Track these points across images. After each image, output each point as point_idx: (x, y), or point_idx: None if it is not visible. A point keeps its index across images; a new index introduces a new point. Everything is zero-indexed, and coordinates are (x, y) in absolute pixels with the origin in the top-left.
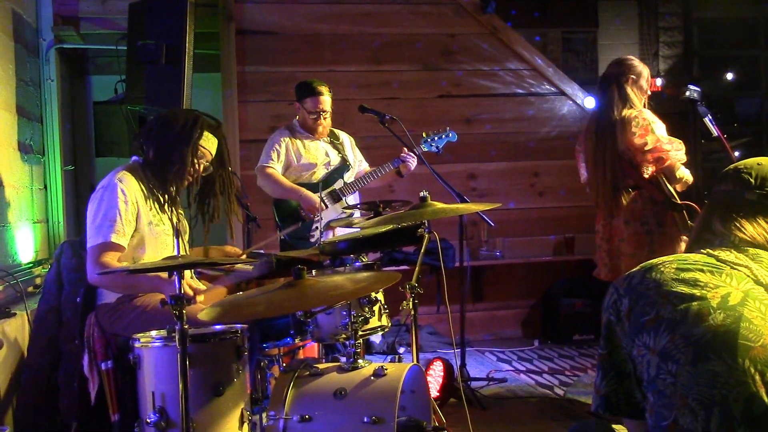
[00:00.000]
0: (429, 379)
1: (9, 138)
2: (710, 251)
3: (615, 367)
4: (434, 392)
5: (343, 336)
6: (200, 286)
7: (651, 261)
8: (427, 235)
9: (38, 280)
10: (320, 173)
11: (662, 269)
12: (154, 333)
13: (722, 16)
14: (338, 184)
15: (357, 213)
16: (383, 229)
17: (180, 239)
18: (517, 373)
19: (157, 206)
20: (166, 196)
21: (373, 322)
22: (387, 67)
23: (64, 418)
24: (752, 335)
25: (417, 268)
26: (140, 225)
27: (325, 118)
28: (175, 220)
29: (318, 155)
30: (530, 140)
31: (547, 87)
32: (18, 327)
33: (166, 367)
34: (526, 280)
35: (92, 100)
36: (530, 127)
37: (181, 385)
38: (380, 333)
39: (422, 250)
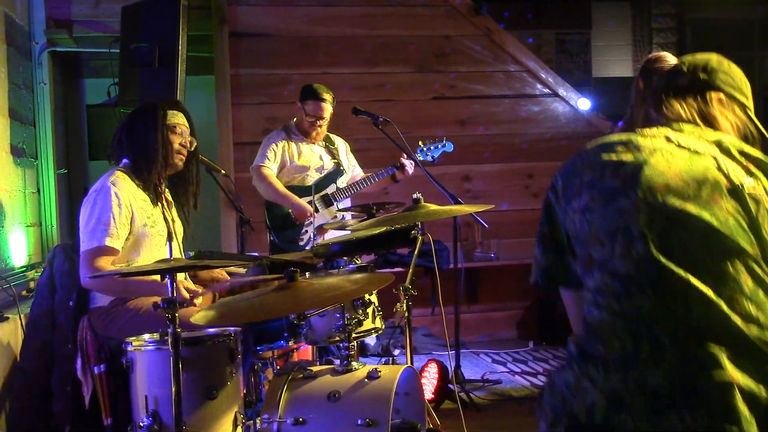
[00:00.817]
0: (424, 381)
1: (2, 141)
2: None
3: (555, 242)
4: (429, 394)
5: (337, 338)
6: (197, 288)
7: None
8: (420, 237)
9: (31, 284)
10: (313, 177)
11: (587, 147)
12: (146, 336)
13: (715, 17)
14: (331, 189)
15: (348, 216)
16: (376, 231)
17: (174, 242)
18: (512, 375)
19: (151, 206)
20: (157, 190)
21: (367, 325)
22: (381, 69)
23: (58, 422)
24: (654, 175)
25: (410, 270)
26: (135, 227)
27: (321, 126)
28: (169, 219)
29: (312, 159)
30: (524, 142)
31: (541, 88)
32: (11, 331)
33: (159, 370)
34: (521, 282)
35: (85, 103)
36: (524, 129)
37: (174, 389)
38: (374, 335)
39: (416, 252)
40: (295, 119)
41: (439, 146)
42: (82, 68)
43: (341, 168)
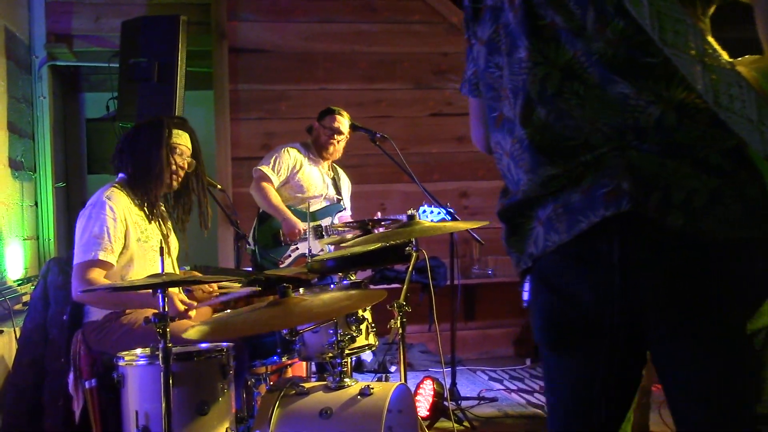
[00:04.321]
0: (419, 398)
1: (0, 155)
2: None
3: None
4: (424, 411)
5: (330, 355)
6: (192, 302)
7: None
8: (415, 254)
9: (27, 298)
10: (314, 204)
11: None
12: (138, 351)
13: (741, 37)
14: (326, 221)
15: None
16: (371, 248)
17: (167, 256)
18: (508, 392)
19: (145, 221)
20: (153, 208)
21: (360, 341)
22: (379, 85)
23: None
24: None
25: (405, 287)
26: (129, 242)
27: (338, 141)
28: (164, 231)
29: (318, 183)
30: None
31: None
32: (5, 345)
33: (150, 385)
34: (519, 299)
35: (85, 117)
36: None
37: (163, 404)
38: (368, 351)
39: (410, 269)
40: (311, 139)
41: (443, 212)
42: (82, 82)
43: (341, 202)
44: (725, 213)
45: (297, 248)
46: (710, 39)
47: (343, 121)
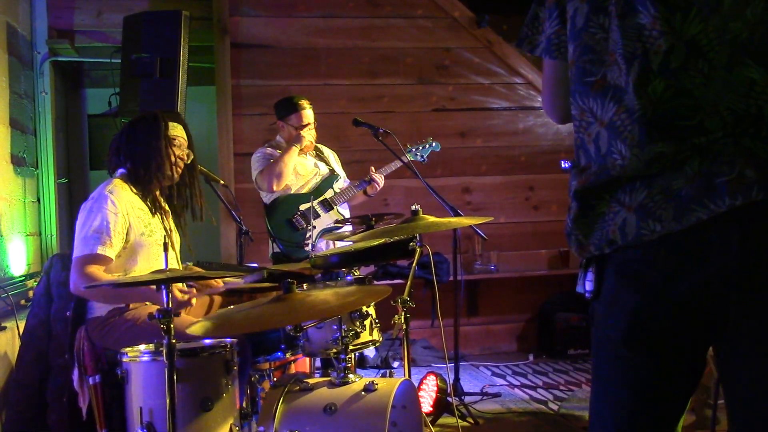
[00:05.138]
0: (422, 393)
1: (2, 151)
2: None
3: (560, 11)
4: (427, 407)
5: (334, 350)
6: (191, 289)
7: None
8: (419, 249)
9: (30, 293)
10: (311, 184)
11: None
12: (142, 347)
13: None
14: (329, 194)
15: (348, 227)
16: (374, 243)
17: (171, 251)
18: (511, 388)
19: (148, 215)
20: (156, 201)
21: (365, 337)
22: (382, 80)
23: None
24: None
25: (409, 282)
26: (131, 236)
27: (310, 130)
28: (167, 228)
29: (306, 167)
30: (525, 154)
31: (542, 100)
32: (8, 341)
33: (154, 381)
34: (521, 294)
35: (87, 113)
36: (525, 141)
37: (168, 400)
38: (372, 347)
39: (414, 264)
40: (279, 137)
41: (427, 146)
42: (84, 78)
43: (335, 173)
44: None
45: (314, 227)
46: None
47: (308, 112)
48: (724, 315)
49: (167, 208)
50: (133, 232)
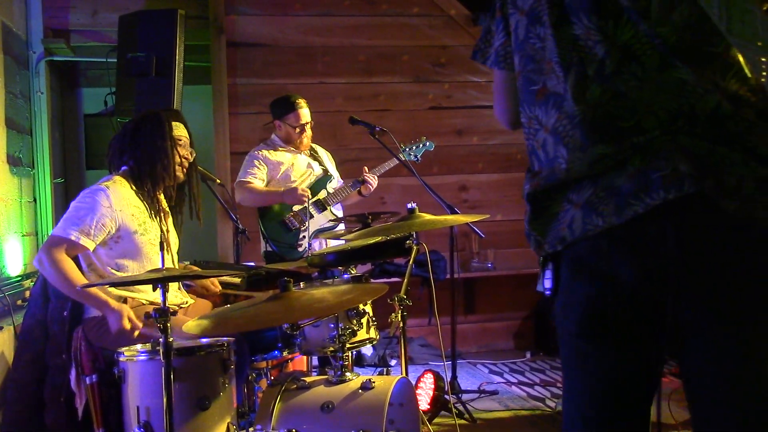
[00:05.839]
0: (419, 391)
1: None
2: None
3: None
4: (424, 405)
5: (331, 349)
6: (188, 298)
7: None
8: (415, 247)
9: (27, 294)
10: (305, 185)
11: None
12: (139, 346)
13: None
14: (322, 194)
15: (342, 225)
16: (371, 241)
17: (167, 252)
18: (508, 386)
19: (145, 214)
20: (157, 203)
21: (361, 335)
22: (378, 79)
23: None
24: None
25: (405, 280)
26: (123, 233)
27: (308, 130)
28: (164, 228)
29: (300, 167)
30: (521, 152)
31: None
32: (5, 341)
33: (151, 380)
34: (518, 292)
35: (83, 113)
36: (521, 139)
37: (165, 399)
38: (369, 345)
39: (410, 262)
40: (274, 135)
41: (421, 145)
42: (80, 77)
43: (329, 173)
44: None
45: (307, 227)
46: None
47: (306, 111)
48: (669, 304)
49: (167, 209)
50: (125, 230)
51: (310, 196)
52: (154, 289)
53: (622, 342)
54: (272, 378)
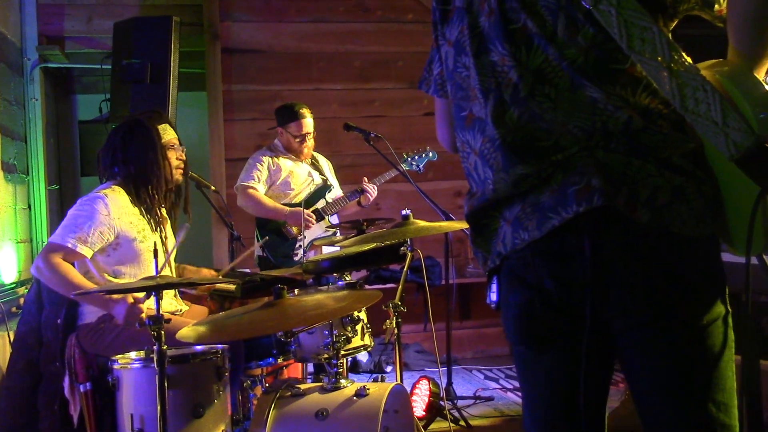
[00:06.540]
0: (415, 398)
1: None
2: None
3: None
4: (420, 411)
5: (326, 356)
6: (182, 305)
7: None
8: (410, 254)
9: (21, 301)
10: (303, 194)
11: None
12: (133, 354)
13: (709, 34)
14: (320, 204)
15: (338, 232)
16: (366, 248)
17: (163, 258)
18: (504, 392)
19: (143, 221)
20: (153, 208)
21: (356, 342)
22: (373, 85)
23: None
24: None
25: (400, 287)
26: (122, 240)
27: (309, 140)
28: (162, 236)
29: (301, 175)
30: None
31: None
32: None
33: (145, 388)
34: None
35: (77, 119)
36: None
37: (159, 407)
38: (364, 352)
39: (405, 269)
40: (277, 141)
41: (423, 156)
42: (74, 84)
43: (328, 183)
44: (688, 209)
45: (304, 237)
46: (676, 46)
47: (309, 121)
48: (599, 309)
49: (165, 215)
50: (124, 237)
51: (315, 222)
52: (148, 297)
53: (555, 348)
54: (267, 385)
